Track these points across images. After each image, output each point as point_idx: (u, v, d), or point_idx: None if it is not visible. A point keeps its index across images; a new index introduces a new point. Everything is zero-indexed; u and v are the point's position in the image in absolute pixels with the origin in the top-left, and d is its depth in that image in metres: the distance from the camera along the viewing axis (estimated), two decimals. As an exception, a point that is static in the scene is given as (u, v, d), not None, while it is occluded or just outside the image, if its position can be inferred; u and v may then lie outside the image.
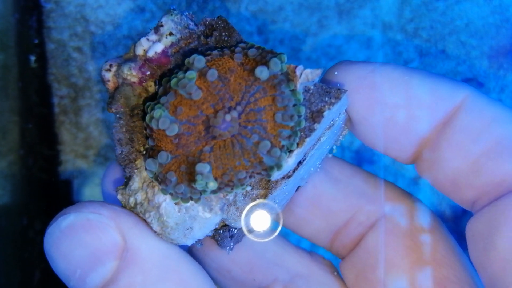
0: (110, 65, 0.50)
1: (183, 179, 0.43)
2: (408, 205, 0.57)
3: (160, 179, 0.44)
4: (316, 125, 0.46)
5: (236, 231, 0.53)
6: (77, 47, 0.84)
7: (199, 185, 0.42)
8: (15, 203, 0.79)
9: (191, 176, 0.43)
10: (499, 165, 0.46)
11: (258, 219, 0.51)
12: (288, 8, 0.85)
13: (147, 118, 0.43)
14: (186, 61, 0.44)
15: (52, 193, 0.86)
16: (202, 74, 0.43)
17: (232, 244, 0.53)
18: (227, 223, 0.51)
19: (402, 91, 0.49)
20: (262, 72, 0.42)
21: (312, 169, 0.54)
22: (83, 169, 0.86)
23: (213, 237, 0.53)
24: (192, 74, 0.43)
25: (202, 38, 0.49)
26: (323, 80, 0.53)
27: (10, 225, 0.79)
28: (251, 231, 0.51)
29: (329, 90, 0.48)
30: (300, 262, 0.60)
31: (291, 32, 0.85)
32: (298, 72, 0.45)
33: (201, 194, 0.45)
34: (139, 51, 0.49)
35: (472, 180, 0.47)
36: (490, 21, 0.86)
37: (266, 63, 0.43)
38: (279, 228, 0.54)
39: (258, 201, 0.49)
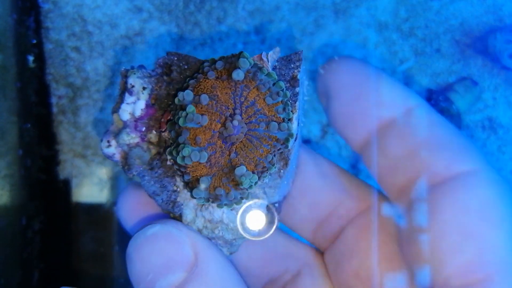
0: (108, 141, 0.55)
1: (229, 188, 0.50)
2: (381, 203, 0.63)
3: (212, 199, 0.51)
4: (297, 89, 0.54)
5: (277, 205, 0.59)
6: (75, 47, 0.84)
7: (246, 184, 0.49)
8: (14, 203, 0.79)
9: (234, 182, 0.50)
10: (429, 156, 0.53)
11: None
12: (285, 8, 0.85)
13: (179, 159, 0.49)
14: (176, 100, 0.50)
15: (51, 193, 0.86)
16: (196, 102, 0.49)
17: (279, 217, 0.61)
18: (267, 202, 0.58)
19: (370, 82, 0.57)
20: (238, 75, 0.49)
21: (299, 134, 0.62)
22: (81, 169, 0.86)
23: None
24: (191, 108, 0.49)
25: (165, 77, 0.55)
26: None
27: (9, 225, 0.79)
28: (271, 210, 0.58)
29: (290, 58, 0.55)
30: (307, 254, 0.66)
31: (288, 31, 0.86)
32: (264, 58, 0.53)
33: (248, 191, 0.51)
34: (126, 116, 0.54)
35: (406, 166, 0.54)
36: (484, 21, 0.87)
37: (236, 66, 0.49)
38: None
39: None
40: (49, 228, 0.86)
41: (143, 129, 0.54)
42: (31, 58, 0.83)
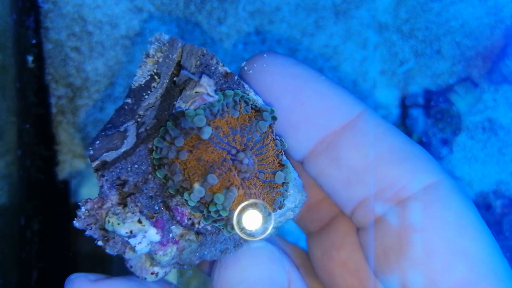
0: (152, 273, 0.53)
1: (280, 192, 0.51)
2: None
3: (278, 207, 0.51)
4: (235, 77, 0.51)
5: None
6: (74, 47, 0.84)
7: (289, 178, 0.50)
8: (13, 203, 0.79)
9: (278, 187, 0.50)
10: (389, 169, 0.52)
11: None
12: (285, 9, 0.85)
13: (235, 224, 0.48)
14: (199, 210, 0.48)
15: (50, 193, 0.86)
16: (207, 187, 0.46)
17: None
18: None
19: (309, 85, 0.55)
20: (207, 132, 0.45)
21: None
22: (80, 169, 0.86)
23: None
24: (220, 206, 0.46)
25: (129, 192, 0.50)
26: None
27: (7, 225, 0.79)
28: None
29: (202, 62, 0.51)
30: (299, 256, 0.65)
31: (288, 32, 0.86)
32: (206, 96, 0.48)
33: (288, 182, 0.51)
34: (146, 249, 0.50)
35: (364, 179, 0.53)
36: (485, 22, 0.87)
37: (199, 127, 0.46)
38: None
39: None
40: (48, 229, 0.86)
41: (170, 236, 0.50)
42: (30, 58, 0.83)
